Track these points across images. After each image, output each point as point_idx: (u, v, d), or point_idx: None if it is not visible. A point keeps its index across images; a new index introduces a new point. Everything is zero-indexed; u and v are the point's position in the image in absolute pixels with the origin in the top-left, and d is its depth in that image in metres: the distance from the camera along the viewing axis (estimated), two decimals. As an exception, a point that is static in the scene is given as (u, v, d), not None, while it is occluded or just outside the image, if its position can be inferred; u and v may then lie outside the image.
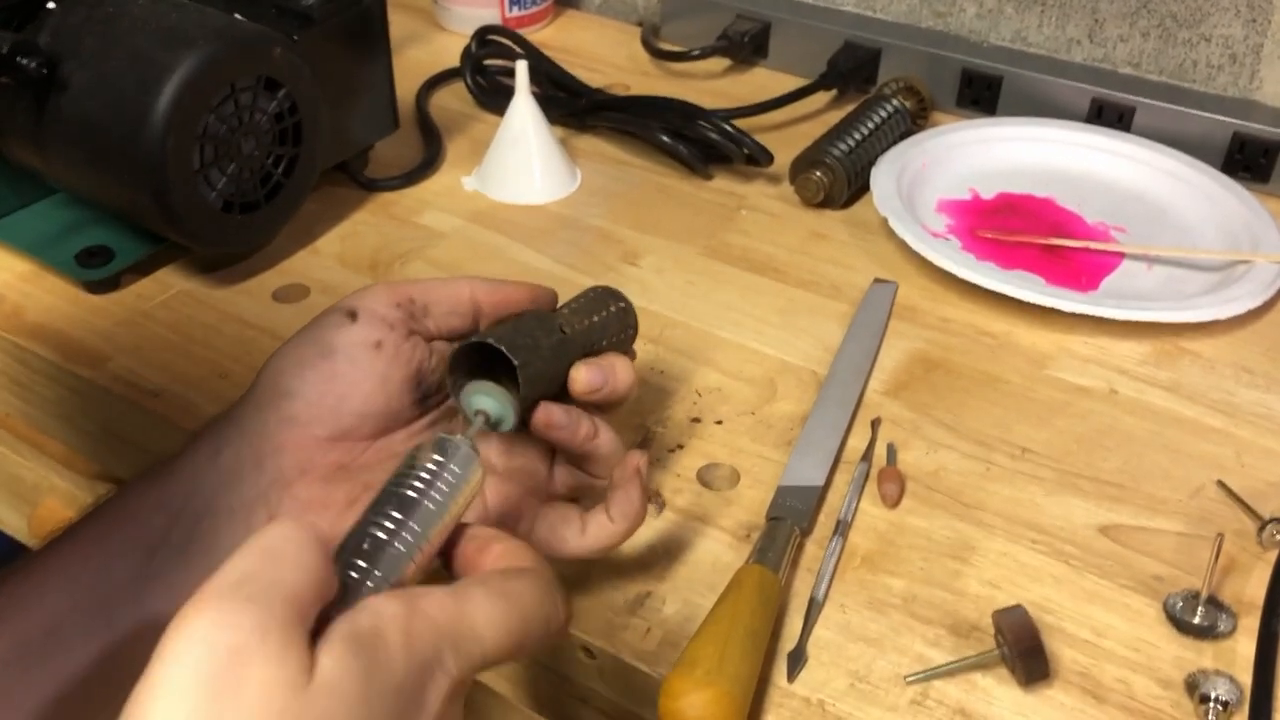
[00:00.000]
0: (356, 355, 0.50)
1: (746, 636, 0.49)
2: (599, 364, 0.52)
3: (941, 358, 0.70)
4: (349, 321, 0.50)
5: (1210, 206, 0.82)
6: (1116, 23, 0.92)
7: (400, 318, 0.51)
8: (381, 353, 0.50)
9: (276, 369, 0.50)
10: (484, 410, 0.47)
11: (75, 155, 0.69)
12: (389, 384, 0.50)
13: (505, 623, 0.39)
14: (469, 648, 0.37)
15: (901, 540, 0.58)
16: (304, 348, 0.50)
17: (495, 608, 0.39)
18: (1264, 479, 0.62)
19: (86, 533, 0.47)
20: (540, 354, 0.49)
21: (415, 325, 0.52)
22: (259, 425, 0.49)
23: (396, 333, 0.51)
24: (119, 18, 0.68)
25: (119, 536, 0.47)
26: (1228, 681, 0.50)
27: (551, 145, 0.85)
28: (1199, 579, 0.54)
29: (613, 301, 0.56)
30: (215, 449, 0.49)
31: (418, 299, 0.52)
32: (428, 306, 0.52)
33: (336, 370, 0.49)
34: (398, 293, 0.52)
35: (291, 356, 0.50)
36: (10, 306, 0.72)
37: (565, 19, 1.13)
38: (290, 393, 0.49)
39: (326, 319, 0.51)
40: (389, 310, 0.51)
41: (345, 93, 0.79)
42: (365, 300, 0.51)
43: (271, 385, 0.50)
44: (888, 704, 0.50)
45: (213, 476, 0.48)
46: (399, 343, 0.51)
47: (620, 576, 0.56)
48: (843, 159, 0.83)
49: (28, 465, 0.73)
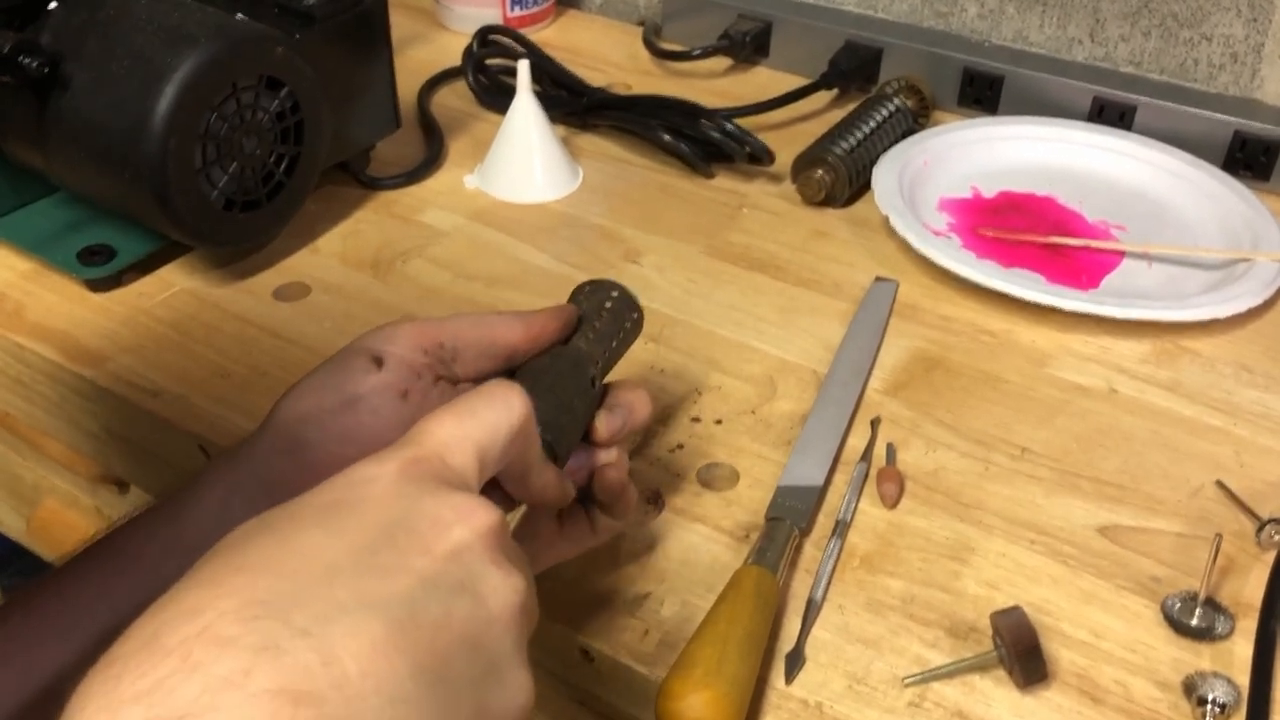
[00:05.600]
0: (380, 405, 0.47)
1: (745, 638, 0.50)
2: (618, 407, 0.51)
3: (941, 356, 0.70)
4: (374, 368, 0.48)
5: (1211, 205, 0.82)
6: (1118, 22, 0.92)
7: (429, 364, 0.49)
8: (408, 402, 0.48)
9: (295, 414, 0.48)
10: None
11: (77, 154, 0.69)
12: None
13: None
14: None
15: (900, 541, 0.58)
16: (325, 394, 0.48)
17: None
18: (1263, 479, 0.62)
19: (90, 575, 0.45)
20: (575, 419, 0.49)
21: (444, 370, 0.50)
22: (274, 473, 0.47)
23: (424, 380, 0.49)
24: (121, 17, 0.68)
25: (125, 582, 0.45)
26: (1225, 683, 0.50)
27: (553, 144, 0.85)
28: (1197, 580, 0.54)
29: (628, 313, 0.56)
30: (227, 495, 0.47)
31: (447, 344, 0.50)
32: (458, 351, 0.50)
33: (360, 421, 0.47)
34: (427, 337, 0.50)
35: (310, 401, 0.48)
36: (12, 305, 0.72)
37: (567, 19, 1.13)
38: (309, 444, 0.47)
39: (350, 362, 0.49)
40: (417, 356, 0.49)
41: (347, 92, 0.79)
42: (393, 345, 0.49)
43: (288, 431, 0.47)
44: (886, 706, 0.50)
45: (225, 523, 0.45)
46: (426, 389, 0.48)
47: (618, 578, 0.56)
48: (844, 158, 0.83)
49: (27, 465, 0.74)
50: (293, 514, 0.35)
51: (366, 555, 0.33)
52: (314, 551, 0.33)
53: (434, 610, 0.33)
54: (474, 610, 0.35)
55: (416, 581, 0.34)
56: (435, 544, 0.35)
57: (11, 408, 0.71)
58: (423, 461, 0.37)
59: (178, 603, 0.31)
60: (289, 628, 0.30)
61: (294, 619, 0.31)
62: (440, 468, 0.37)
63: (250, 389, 0.66)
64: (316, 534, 0.34)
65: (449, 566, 0.35)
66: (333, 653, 0.30)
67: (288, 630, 0.30)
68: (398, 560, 0.34)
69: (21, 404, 0.71)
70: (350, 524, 0.34)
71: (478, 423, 0.39)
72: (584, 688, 0.55)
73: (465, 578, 0.35)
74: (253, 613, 0.30)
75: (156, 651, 0.29)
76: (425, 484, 0.36)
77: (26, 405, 0.71)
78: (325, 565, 0.33)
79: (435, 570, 0.34)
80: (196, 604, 0.31)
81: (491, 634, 0.35)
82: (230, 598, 0.31)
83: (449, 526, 0.35)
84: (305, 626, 0.31)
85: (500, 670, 0.35)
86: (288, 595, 0.31)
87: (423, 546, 0.35)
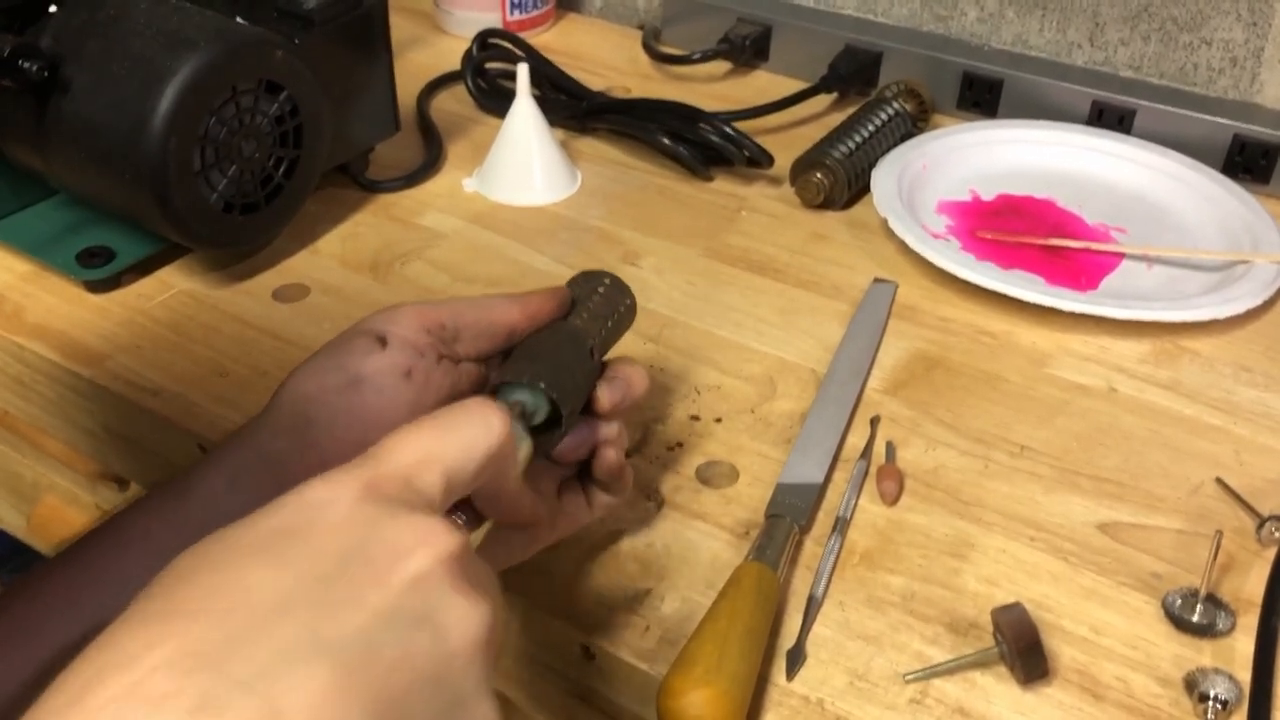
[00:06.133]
0: (385, 384, 0.48)
1: (745, 635, 0.49)
2: (617, 379, 0.52)
3: (941, 357, 0.70)
4: (378, 347, 0.49)
5: (1210, 207, 0.82)
6: (1117, 26, 0.92)
7: (431, 343, 0.49)
8: (412, 381, 0.48)
9: (300, 394, 0.48)
10: (520, 401, 0.46)
11: (77, 157, 0.69)
12: (417, 412, 0.48)
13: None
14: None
15: (900, 538, 0.58)
16: (329, 374, 0.48)
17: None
18: (1263, 477, 0.62)
19: (95, 557, 0.45)
20: (576, 383, 0.49)
21: (446, 350, 0.50)
22: (279, 452, 0.47)
23: (427, 359, 0.49)
24: (120, 20, 0.68)
25: (130, 561, 0.45)
26: (1226, 679, 0.50)
27: (552, 147, 0.85)
28: (1198, 577, 0.54)
29: (621, 298, 0.56)
30: (233, 475, 0.47)
31: (449, 324, 0.50)
32: (459, 331, 0.51)
33: (365, 400, 0.47)
34: (428, 317, 0.50)
35: (314, 382, 0.48)
36: (11, 306, 0.72)
37: (566, 22, 1.13)
38: (314, 421, 0.47)
39: (354, 343, 0.49)
40: (420, 336, 0.49)
41: (346, 95, 0.79)
42: (396, 325, 0.49)
43: (293, 411, 0.48)
44: (886, 702, 0.50)
45: (231, 504, 0.46)
46: (430, 369, 0.49)
47: (619, 574, 0.56)
48: (843, 161, 0.83)
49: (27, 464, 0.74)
50: (237, 543, 0.33)
51: (318, 590, 0.31)
52: (257, 588, 0.31)
53: (391, 648, 0.31)
54: (434, 645, 0.33)
55: (371, 617, 0.32)
56: (393, 574, 0.33)
57: (11, 407, 0.71)
58: (383, 482, 0.35)
59: (109, 650, 0.29)
60: (227, 681, 0.28)
61: (233, 670, 0.29)
62: (402, 489, 0.35)
63: (250, 388, 0.66)
64: (261, 568, 0.32)
65: (407, 599, 0.33)
66: (277, 707, 0.28)
67: (226, 684, 0.28)
68: (351, 594, 0.32)
69: (21, 403, 0.71)
70: (300, 554, 0.32)
71: (450, 442, 0.37)
72: (585, 684, 0.55)
73: (425, 610, 0.33)
74: (187, 665, 0.28)
75: (82, 713, 0.27)
76: (384, 507, 0.34)
77: (26, 404, 0.71)
78: (270, 604, 0.31)
79: (392, 604, 0.32)
80: (127, 654, 0.29)
81: (454, 669, 0.33)
82: (163, 646, 0.29)
83: (408, 554, 0.33)
84: (246, 679, 0.29)
85: (464, 705, 0.33)
86: (226, 643, 0.29)
87: (379, 578, 0.32)
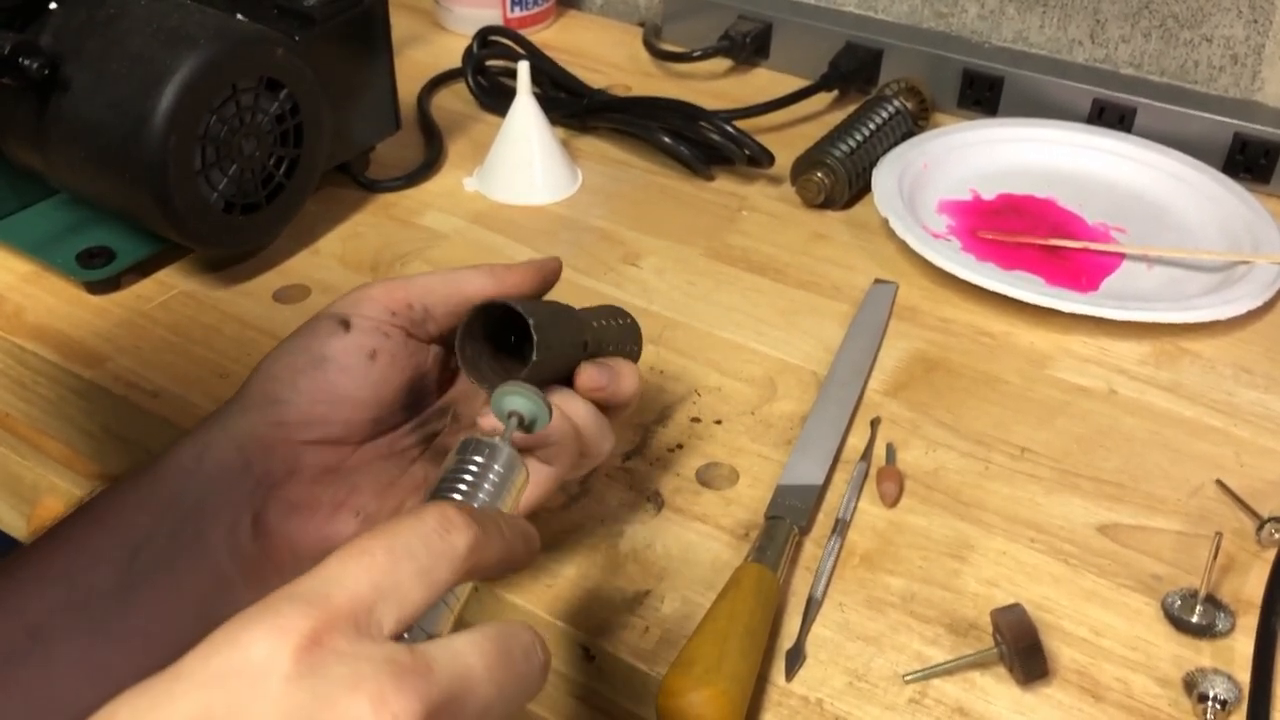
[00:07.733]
0: (349, 365, 0.49)
1: (745, 635, 0.49)
2: (605, 364, 0.51)
3: (941, 358, 0.70)
4: (342, 330, 0.50)
5: (1211, 207, 0.82)
6: (1118, 23, 0.92)
7: (396, 324, 0.50)
8: (376, 362, 0.49)
9: (268, 375, 0.50)
10: (517, 411, 0.45)
11: (76, 156, 0.69)
12: (383, 391, 0.50)
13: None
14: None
15: (900, 539, 0.58)
16: (295, 355, 0.50)
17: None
18: (1263, 478, 0.62)
19: (70, 532, 0.46)
20: (561, 342, 0.48)
21: (414, 330, 0.51)
22: (247, 428, 0.48)
23: (393, 340, 0.50)
24: (120, 19, 0.68)
25: (101, 535, 0.46)
26: (1226, 680, 0.50)
27: (553, 146, 0.85)
28: (1198, 578, 0.54)
29: (619, 316, 0.56)
30: (201, 450, 0.48)
31: (416, 304, 0.51)
32: (428, 309, 0.51)
33: (329, 379, 0.49)
34: (394, 298, 0.51)
35: (283, 363, 0.50)
36: (11, 307, 0.72)
37: (567, 20, 1.13)
38: (281, 400, 0.49)
39: (319, 325, 0.50)
40: (384, 318, 0.50)
41: (347, 93, 0.79)
42: (360, 307, 0.50)
43: (261, 391, 0.49)
44: (886, 702, 0.50)
45: (199, 477, 0.47)
46: (395, 350, 0.50)
47: (619, 575, 0.56)
48: (844, 160, 0.83)
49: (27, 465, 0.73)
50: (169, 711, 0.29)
51: None
52: None
53: None
54: None
55: None
56: None
57: (11, 408, 0.71)
58: (327, 634, 0.31)
59: None
60: None
61: None
62: (349, 640, 0.31)
63: (250, 389, 0.66)
64: None
65: None
66: None
67: None
68: None
69: (21, 404, 0.71)
70: None
71: (403, 572, 0.33)
72: (585, 685, 0.55)
73: None
74: None
75: None
76: (328, 672, 0.30)
77: (25, 405, 0.71)
78: None
79: None
80: None
81: None
82: None
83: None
84: None
85: None
86: None
87: None
